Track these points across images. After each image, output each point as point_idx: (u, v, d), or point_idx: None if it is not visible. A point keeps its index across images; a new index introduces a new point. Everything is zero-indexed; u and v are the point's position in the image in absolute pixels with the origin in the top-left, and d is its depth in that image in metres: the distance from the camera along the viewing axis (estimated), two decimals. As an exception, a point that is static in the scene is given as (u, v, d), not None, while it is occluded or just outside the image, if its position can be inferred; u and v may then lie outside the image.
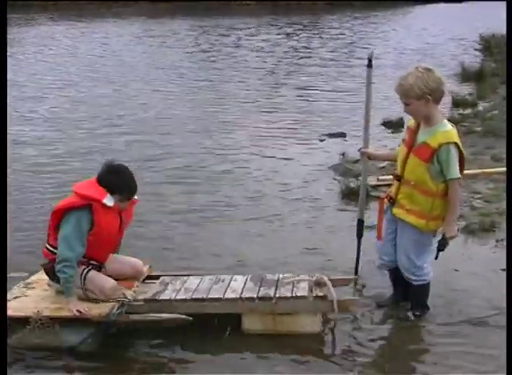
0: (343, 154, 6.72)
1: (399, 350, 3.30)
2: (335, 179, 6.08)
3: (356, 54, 14.93)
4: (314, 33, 19.22)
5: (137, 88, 10.95)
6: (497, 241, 4.51)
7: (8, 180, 4.11)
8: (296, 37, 18.20)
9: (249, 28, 20.55)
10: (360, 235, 3.96)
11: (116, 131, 8.09)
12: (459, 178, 3.21)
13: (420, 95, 3.15)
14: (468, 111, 8.37)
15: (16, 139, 7.52)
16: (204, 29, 20.52)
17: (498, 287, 3.64)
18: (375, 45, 15.85)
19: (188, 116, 8.89)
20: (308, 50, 15.79)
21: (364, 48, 15.82)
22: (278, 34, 19.02)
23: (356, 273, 3.96)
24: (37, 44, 16.83)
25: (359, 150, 3.78)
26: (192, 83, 11.44)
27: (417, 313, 3.54)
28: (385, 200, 3.51)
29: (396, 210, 3.41)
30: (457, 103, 8.74)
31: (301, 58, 14.49)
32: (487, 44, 12.84)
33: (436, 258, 3.37)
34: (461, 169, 3.25)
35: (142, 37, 18.56)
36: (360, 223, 3.95)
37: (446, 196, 3.25)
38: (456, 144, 3.19)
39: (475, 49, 13.66)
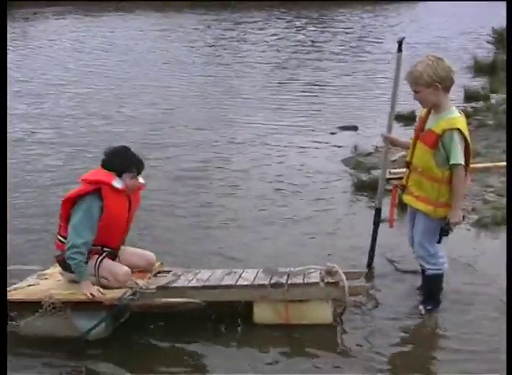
0: (355, 147, 6.69)
1: (412, 344, 3.28)
2: (346, 172, 6.05)
3: (365, 48, 14.81)
4: (323, 27, 19.10)
5: (142, 84, 10.84)
6: (510, 234, 4.48)
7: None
8: (304, 31, 18.07)
9: (256, 22, 20.43)
10: (377, 223, 3.92)
11: (121, 127, 7.99)
12: (461, 164, 3.17)
13: (429, 83, 3.16)
14: (481, 104, 8.28)
15: (17, 136, 7.44)
16: (211, 23, 20.41)
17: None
18: (384, 39, 15.74)
19: (194, 113, 8.75)
20: (317, 44, 15.67)
21: (374, 42, 15.70)
22: (286, 28, 18.90)
23: (370, 264, 3.95)
24: (43, 38, 16.82)
25: (382, 134, 3.76)
26: (198, 79, 11.31)
27: (429, 307, 3.53)
28: (398, 189, 3.54)
29: (406, 197, 3.46)
30: (470, 96, 8.65)
31: (310, 52, 14.40)
32: (500, 37, 12.67)
33: (439, 242, 3.36)
34: (467, 157, 3.24)
35: (148, 31, 18.47)
36: (378, 211, 3.92)
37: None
38: (459, 130, 3.17)
39: (488, 42, 13.50)
